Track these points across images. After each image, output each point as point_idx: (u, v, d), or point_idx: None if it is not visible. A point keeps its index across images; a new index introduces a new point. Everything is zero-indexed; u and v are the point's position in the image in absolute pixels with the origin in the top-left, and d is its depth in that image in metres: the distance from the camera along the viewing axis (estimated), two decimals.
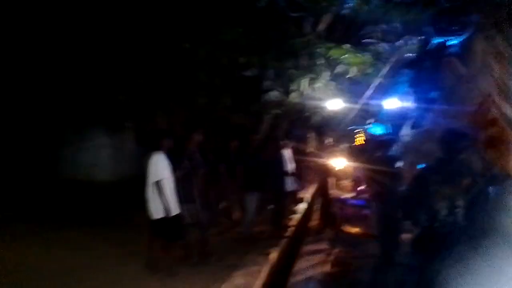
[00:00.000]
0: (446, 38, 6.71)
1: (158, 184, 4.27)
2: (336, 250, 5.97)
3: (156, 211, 4.33)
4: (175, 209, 4.39)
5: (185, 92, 6.87)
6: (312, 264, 5.21)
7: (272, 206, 7.56)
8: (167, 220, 4.32)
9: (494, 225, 2.45)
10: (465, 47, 6.36)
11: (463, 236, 2.65)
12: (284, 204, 7.11)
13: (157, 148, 4.48)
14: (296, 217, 8.12)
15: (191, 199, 4.87)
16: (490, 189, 2.72)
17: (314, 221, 8.11)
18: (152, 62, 6.40)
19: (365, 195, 10.99)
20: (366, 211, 9.65)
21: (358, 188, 11.86)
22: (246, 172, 6.34)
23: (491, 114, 3.22)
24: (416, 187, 2.89)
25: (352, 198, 11.89)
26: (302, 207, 9.41)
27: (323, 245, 6.21)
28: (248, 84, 8.33)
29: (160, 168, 4.32)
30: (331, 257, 5.61)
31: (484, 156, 3.22)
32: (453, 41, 6.61)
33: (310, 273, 5.00)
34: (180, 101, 7.01)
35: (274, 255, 5.52)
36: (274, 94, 8.15)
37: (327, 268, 5.18)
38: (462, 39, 6.55)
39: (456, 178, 2.68)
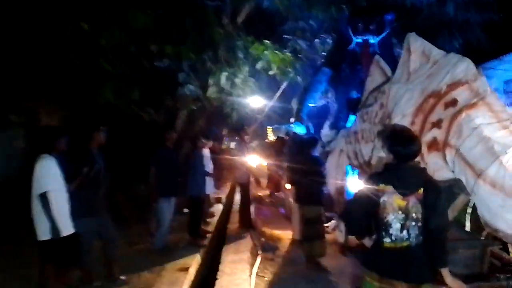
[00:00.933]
0: (363, 38, 6.76)
1: (43, 197, 3.37)
2: (259, 258, 5.57)
3: (43, 230, 3.44)
4: (67, 228, 3.53)
5: (86, 82, 5.86)
6: (236, 278, 4.73)
7: (187, 210, 6.95)
8: (57, 242, 3.45)
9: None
10: (384, 46, 6.47)
11: (418, 254, 2.38)
12: (202, 209, 6.53)
13: (48, 150, 3.57)
14: (215, 222, 7.60)
15: (94, 211, 4.05)
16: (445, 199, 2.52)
17: (234, 224, 7.65)
18: (43, 43, 5.29)
19: (281, 194, 10.92)
20: (282, 210, 9.52)
21: (274, 186, 11.78)
22: (160, 175, 5.62)
23: (432, 115, 3.06)
24: (362, 197, 2.55)
25: (268, 196, 11.76)
26: (220, 209, 8.94)
27: (245, 252, 5.76)
28: (160, 76, 7.56)
29: (47, 176, 3.41)
30: (255, 267, 5.18)
31: (426, 160, 3.04)
32: (371, 40, 6.69)
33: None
34: (78, 94, 5.97)
35: (193, 269, 4.93)
36: (190, 88, 7.49)
37: (251, 280, 4.74)
38: (379, 39, 6.66)
39: (408, 187, 2.39)
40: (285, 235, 6.93)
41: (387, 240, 2.41)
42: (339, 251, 5.52)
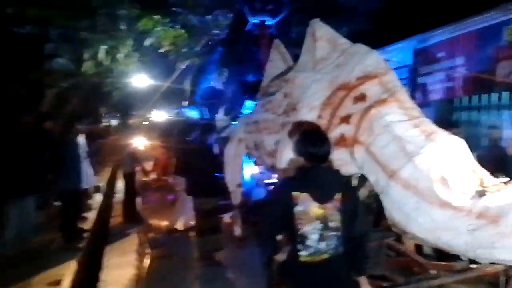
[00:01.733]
0: (260, 18, 6.51)
1: None
2: (148, 257, 5.01)
3: None
4: None
5: None
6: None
7: (59, 203, 5.93)
8: None
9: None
10: (283, 29, 6.30)
11: (339, 266, 2.19)
12: (78, 205, 5.63)
13: None
14: (94, 217, 6.67)
15: None
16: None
17: (117, 218, 6.85)
18: None
19: (169, 178, 10.28)
20: (171, 196, 8.94)
21: (162, 170, 11.03)
22: (17, 165, 4.58)
23: (341, 109, 2.89)
24: (275, 208, 2.25)
25: (154, 181, 10.98)
26: (99, 200, 7.95)
27: (131, 253, 5.11)
28: (22, 45, 6.21)
29: None
30: (143, 269, 4.62)
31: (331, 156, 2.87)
32: (269, 21, 6.47)
33: None
34: None
35: (67, 281, 4.14)
36: (59, 62, 6.33)
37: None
38: (277, 20, 6.47)
39: (325, 194, 2.15)
40: (175, 225, 6.44)
41: (303, 253, 2.15)
42: (235, 244, 5.28)
